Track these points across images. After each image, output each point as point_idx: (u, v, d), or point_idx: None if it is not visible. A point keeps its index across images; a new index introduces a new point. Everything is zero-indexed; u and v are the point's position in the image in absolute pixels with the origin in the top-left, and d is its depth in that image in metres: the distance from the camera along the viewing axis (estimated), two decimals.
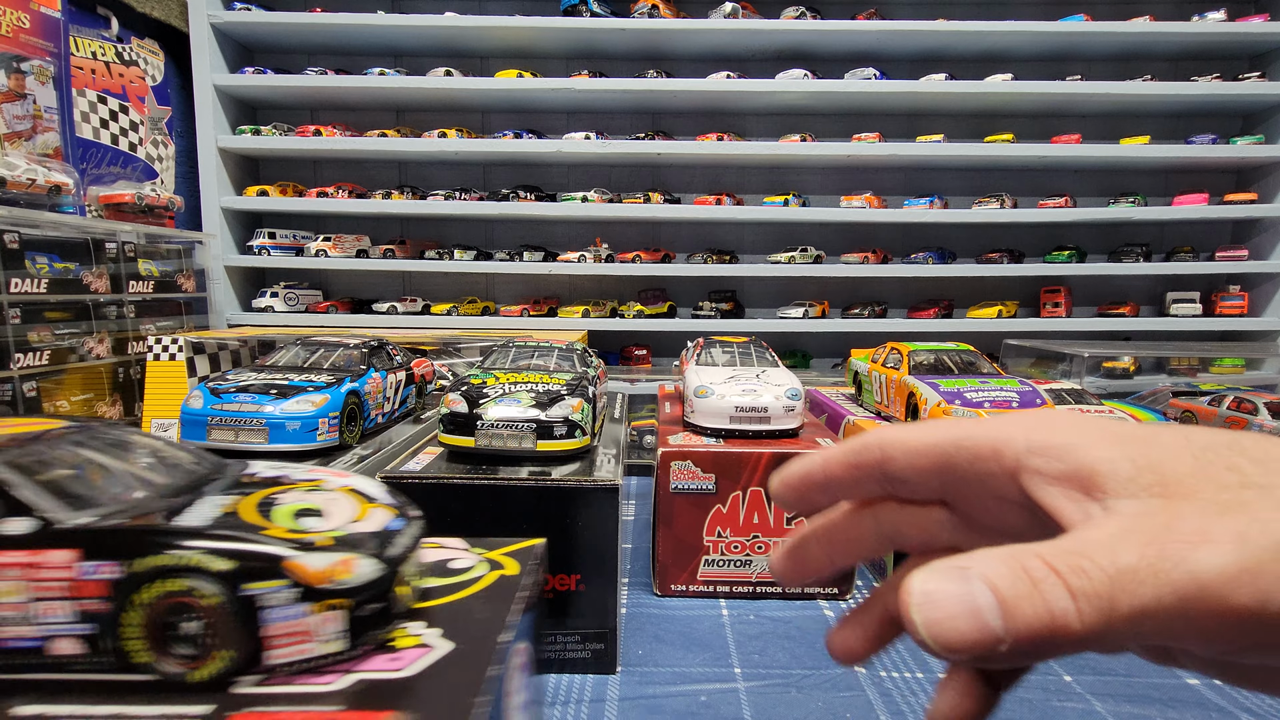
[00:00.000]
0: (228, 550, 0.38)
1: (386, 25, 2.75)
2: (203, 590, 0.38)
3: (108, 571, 0.37)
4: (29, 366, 1.58)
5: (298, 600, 0.38)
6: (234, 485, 0.48)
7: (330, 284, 3.11)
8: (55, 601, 0.37)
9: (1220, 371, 2.65)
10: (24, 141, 1.88)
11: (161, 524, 0.40)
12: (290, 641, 0.39)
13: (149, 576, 0.38)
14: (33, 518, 0.39)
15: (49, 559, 0.38)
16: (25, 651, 0.38)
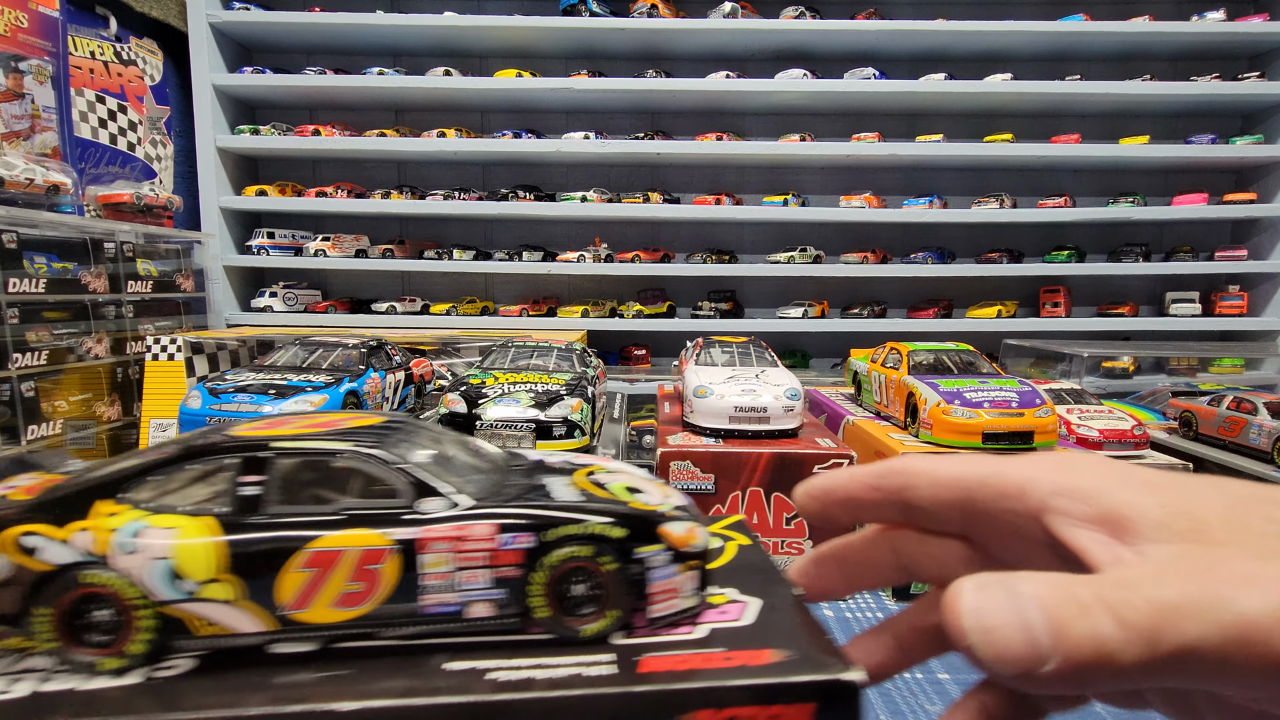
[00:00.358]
0: (620, 519, 0.44)
1: (385, 25, 2.74)
2: (602, 555, 0.43)
3: (524, 541, 0.42)
4: (27, 366, 1.58)
5: (671, 562, 0.44)
6: (550, 470, 0.52)
7: (329, 284, 3.11)
8: (477, 570, 0.42)
9: (1219, 371, 2.66)
10: (22, 141, 1.88)
11: (570, 502, 0.45)
12: (665, 598, 0.44)
13: (557, 544, 0.42)
14: (443, 498, 0.44)
15: (474, 532, 0.42)
16: (447, 616, 0.42)
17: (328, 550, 0.41)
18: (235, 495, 0.42)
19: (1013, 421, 1.12)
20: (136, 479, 0.43)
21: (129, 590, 0.40)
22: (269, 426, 0.47)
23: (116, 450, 1.81)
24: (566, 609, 0.43)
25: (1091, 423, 1.37)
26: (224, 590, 0.40)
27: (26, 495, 0.44)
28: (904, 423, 1.26)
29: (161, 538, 0.40)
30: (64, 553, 0.40)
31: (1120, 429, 1.34)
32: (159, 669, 0.39)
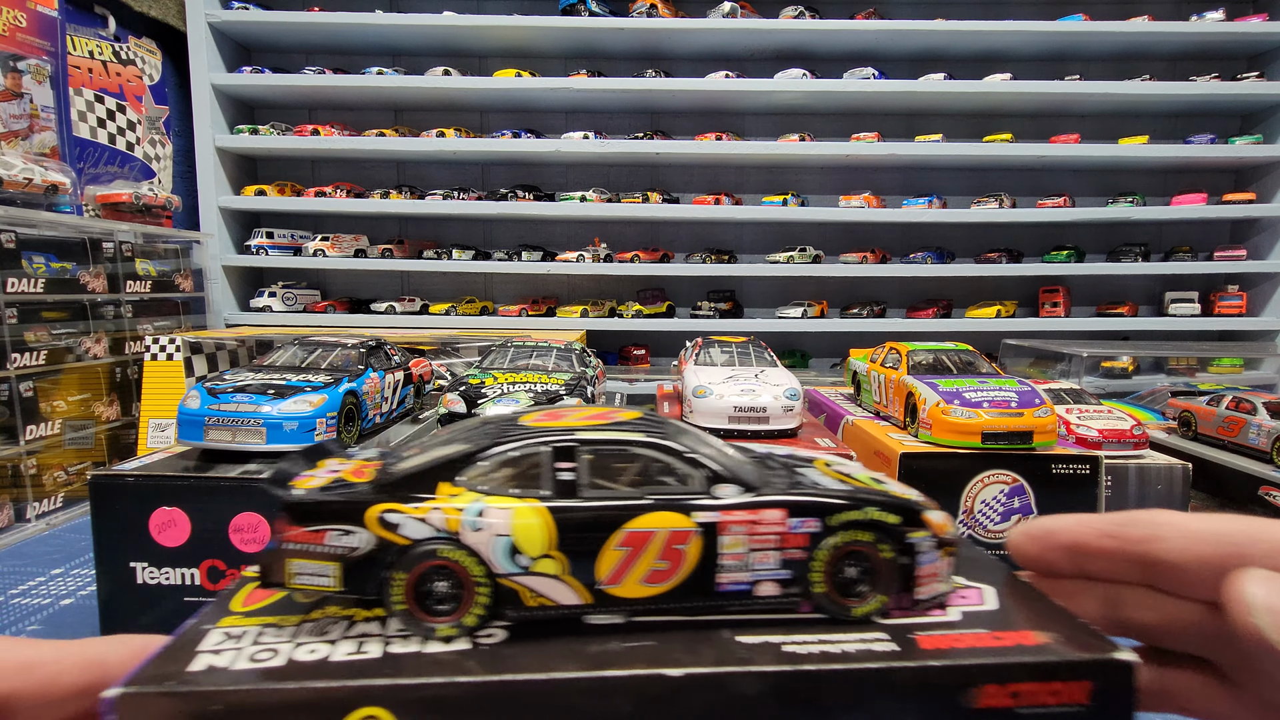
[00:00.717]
0: (893, 506, 0.47)
1: (384, 24, 2.74)
2: (879, 540, 0.46)
3: (810, 526, 0.46)
4: (26, 366, 1.58)
5: (935, 547, 0.47)
6: (793, 462, 0.56)
7: (328, 284, 3.11)
8: (767, 551, 0.46)
9: (1219, 371, 2.66)
10: (21, 140, 1.88)
11: (841, 490, 0.49)
12: (929, 581, 0.47)
13: (839, 529, 0.46)
14: (734, 485, 0.47)
15: (767, 517, 0.46)
16: (738, 594, 0.46)
17: (641, 531, 0.45)
18: (554, 480, 0.47)
19: (1012, 421, 1.12)
20: (466, 464, 0.48)
21: (472, 565, 0.44)
22: (549, 419, 0.52)
23: (116, 451, 1.81)
24: (841, 589, 0.46)
25: (1091, 423, 1.37)
26: (553, 565, 0.45)
27: (360, 478, 0.49)
28: (903, 422, 1.26)
29: (503, 517, 0.45)
30: (421, 529, 0.45)
31: (1119, 429, 1.34)
32: (478, 638, 0.44)
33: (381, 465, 0.51)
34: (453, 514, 0.45)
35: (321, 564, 0.45)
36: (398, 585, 0.44)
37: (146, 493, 0.94)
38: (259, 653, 0.41)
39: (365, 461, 0.53)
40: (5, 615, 1.12)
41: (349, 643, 0.42)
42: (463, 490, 0.47)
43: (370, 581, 0.45)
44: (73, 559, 1.36)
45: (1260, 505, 1.31)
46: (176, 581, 0.95)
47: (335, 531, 0.45)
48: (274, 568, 0.46)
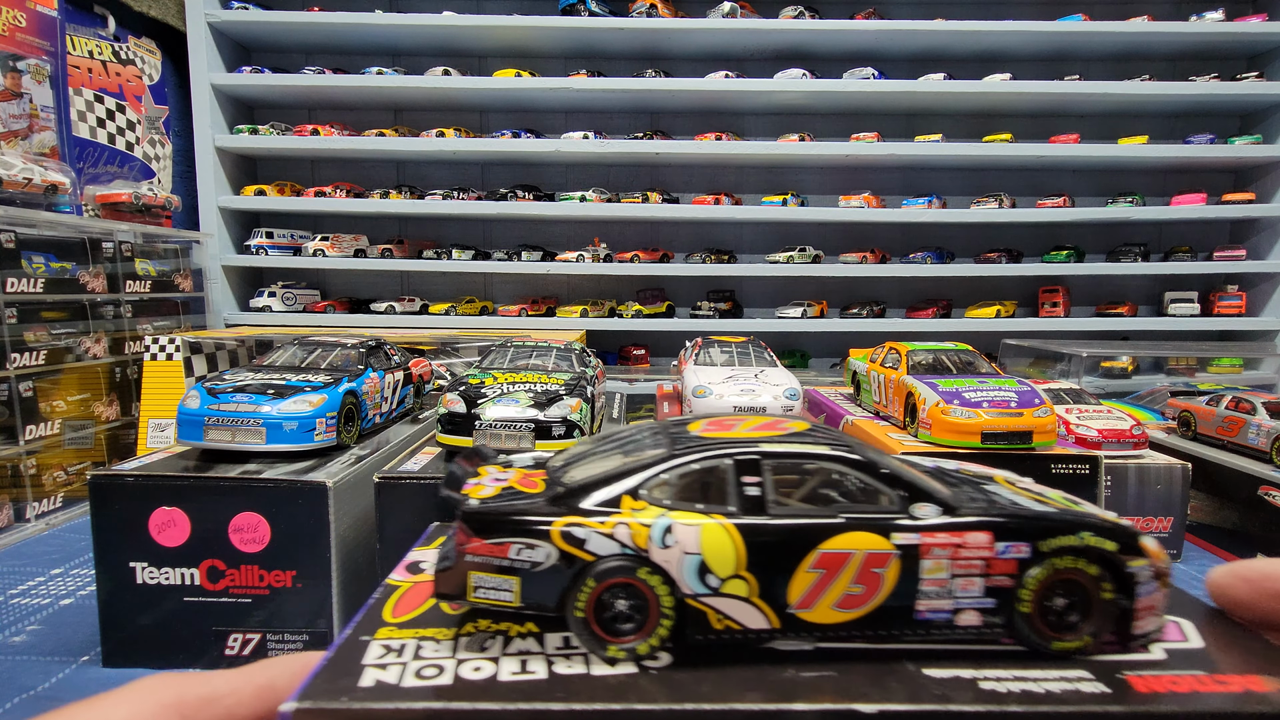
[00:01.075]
0: (1109, 532, 0.43)
1: (384, 24, 2.74)
2: (1093, 568, 0.42)
3: (1020, 551, 0.43)
4: (25, 366, 1.58)
5: (1153, 577, 0.43)
6: (972, 477, 0.53)
7: (328, 284, 3.10)
8: (972, 578, 0.43)
9: (1218, 371, 2.66)
10: (20, 140, 1.88)
11: (1047, 512, 0.45)
12: (1147, 615, 0.43)
13: (1051, 555, 0.43)
14: (935, 504, 0.44)
15: (972, 540, 0.43)
16: (938, 623, 0.43)
17: (837, 552, 0.42)
18: (740, 495, 0.44)
19: (1011, 421, 1.12)
20: (649, 476, 0.45)
21: (659, 584, 0.42)
22: (719, 429, 0.49)
23: (116, 451, 1.81)
24: (1049, 621, 0.42)
25: (1090, 422, 1.37)
26: (743, 587, 0.42)
27: (530, 488, 0.47)
28: (903, 422, 1.26)
29: (692, 534, 0.43)
30: (607, 544, 0.43)
31: (1119, 429, 1.34)
32: (644, 660, 0.41)
33: (549, 475, 0.49)
34: (640, 530, 0.43)
35: (503, 578, 0.43)
36: (582, 598, 0.42)
37: (146, 493, 0.94)
38: (424, 668, 0.40)
39: (527, 470, 0.52)
40: (5, 615, 1.12)
41: (511, 660, 0.41)
42: (645, 504, 0.44)
43: (547, 598, 0.43)
44: (72, 559, 1.36)
45: (1259, 505, 1.31)
46: (176, 581, 0.95)
47: (519, 545, 0.43)
48: (454, 580, 0.44)
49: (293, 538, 0.94)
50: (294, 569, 0.94)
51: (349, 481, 0.98)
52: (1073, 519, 0.44)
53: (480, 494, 0.47)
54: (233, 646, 0.96)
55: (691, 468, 0.45)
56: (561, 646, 0.42)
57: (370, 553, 1.00)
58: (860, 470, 0.46)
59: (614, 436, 0.52)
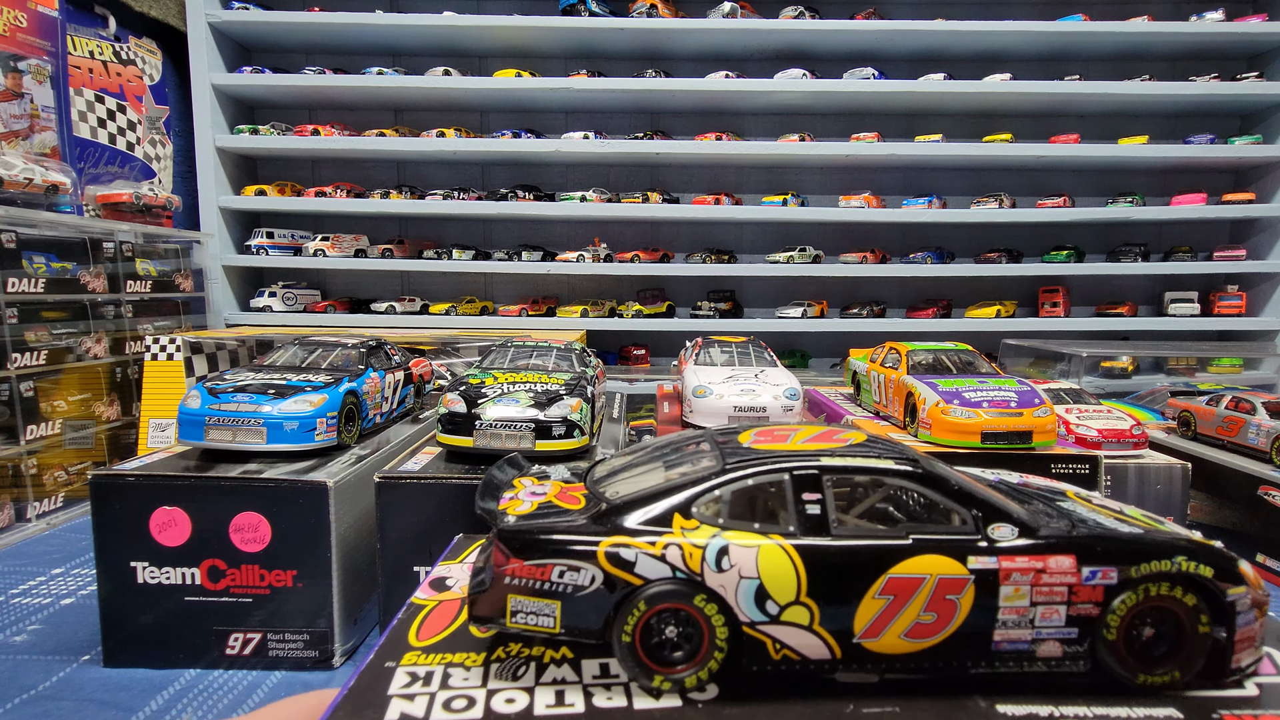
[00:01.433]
0: (1206, 555, 0.39)
1: (385, 25, 2.74)
2: (1189, 596, 0.39)
3: (1108, 578, 0.39)
4: (26, 366, 1.58)
5: (1251, 606, 0.39)
6: (1045, 494, 0.49)
7: (328, 284, 3.11)
8: (1055, 605, 0.39)
9: (1218, 371, 2.66)
10: (21, 140, 1.88)
11: (1135, 534, 0.40)
12: (1246, 648, 0.39)
13: (1139, 582, 0.39)
14: (1014, 524, 0.40)
15: (1055, 565, 0.39)
16: (1018, 655, 0.39)
17: (908, 577, 0.39)
18: (799, 514, 0.41)
19: (1011, 421, 1.12)
20: (701, 492, 0.42)
21: (714, 612, 0.39)
22: (773, 441, 0.45)
23: (116, 451, 1.81)
24: (1135, 652, 0.39)
25: (1090, 422, 1.37)
26: (803, 614, 0.39)
27: (570, 504, 0.44)
28: (903, 422, 1.26)
29: (749, 556, 0.39)
30: (658, 567, 0.40)
31: (1119, 429, 1.35)
32: (690, 692, 0.39)
33: (589, 490, 0.46)
34: (693, 551, 0.39)
35: (544, 602, 0.39)
36: (629, 624, 0.39)
37: (147, 492, 0.94)
38: (453, 699, 0.37)
39: (565, 484, 0.48)
40: (6, 614, 1.12)
41: (546, 691, 0.38)
42: (698, 523, 0.41)
43: (591, 623, 0.39)
44: (73, 558, 1.36)
45: (1259, 505, 1.31)
46: (177, 581, 0.95)
47: (562, 567, 0.39)
48: (491, 603, 0.41)
49: (293, 537, 0.94)
50: (295, 569, 0.95)
51: (350, 481, 0.98)
52: (1165, 540, 0.40)
53: (518, 509, 0.44)
54: (233, 646, 0.96)
55: (746, 483, 0.42)
56: (599, 675, 0.40)
57: (370, 552, 1.01)
58: (931, 487, 0.42)
59: (656, 446, 0.49)
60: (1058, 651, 0.39)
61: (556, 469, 0.53)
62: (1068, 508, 0.45)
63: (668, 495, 0.42)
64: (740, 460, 0.43)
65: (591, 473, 0.49)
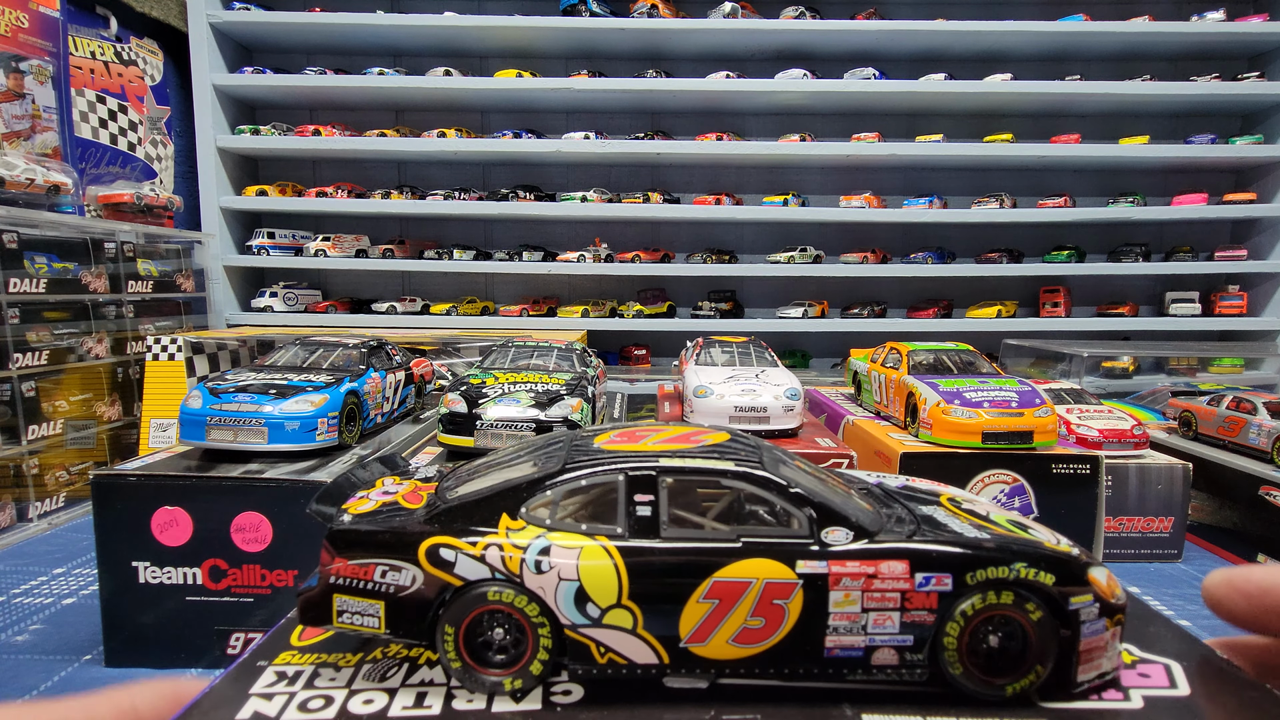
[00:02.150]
0: (1048, 562, 0.38)
1: (386, 25, 2.74)
2: (1029, 603, 0.38)
3: (941, 584, 0.38)
4: (27, 366, 1.58)
5: (1099, 615, 0.38)
6: (913, 497, 0.48)
7: (329, 284, 3.11)
8: (887, 612, 0.38)
9: (1219, 371, 2.66)
10: (23, 141, 1.88)
11: (980, 539, 0.39)
12: (1091, 658, 0.38)
13: (977, 588, 0.38)
14: (847, 529, 0.40)
15: (887, 570, 0.38)
16: (851, 662, 0.38)
17: (732, 581, 0.38)
18: (630, 515, 0.40)
19: (1012, 421, 1.12)
20: (531, 492, 0.41)
21: (534, 612, 0.39)
22: (631, 440, 0.45)
23: (118, 451, 1.81)
24: (980, 663, 0.38)
25: (1091, 422, 1.37)
26: (625, 618, 0.38)
27: (415, 504, 0.43)
28: (904, 422, 1.26)
29: (570, 558, 0.39)
30: (477, 568, 0.39)
31: (1120, 429, 1.35)
32: (553, 694, 0.38)
33: (437, 489, 0.46)
34: (513, 552, 0.39)
35: (368, 601, 0.39)
36: (448, 635, 0.38)
37: (148, 492, 0.94)
38: (311, 699, 0.37)
39: (423, 482, 0.48)
40: (8, 614, 1.12)
41: (408, 693, 0.38)
42: (524, 524, 0.40)
43: (418, 624, 0.39)
44: (74, 558, 1.36)
45: (1260, 505, 1.31)
46: (179, 581, 0.95)
47: (384, 566, 0.39)
48: (320, 603, 0.41)
49: (295, 537, 0.94)
50: (296, 568, 0.95)
51: None
52: (1007, 547, 0.39)
53: (360, 508, 0.43)
54: (234, 646, 0.96)
55: (580, 483, 0.41)
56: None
57: None
58: (763, 488, 0.40)
59: (523, 448, 0.48)
60: (893, 659, 0.38)
61: (425, 469, 0.52)
62: (928, 512, 0.44)
63: (499, 496, 0.41)
64: (580, 461, 0.42)
65: (454, 473, 0.48)
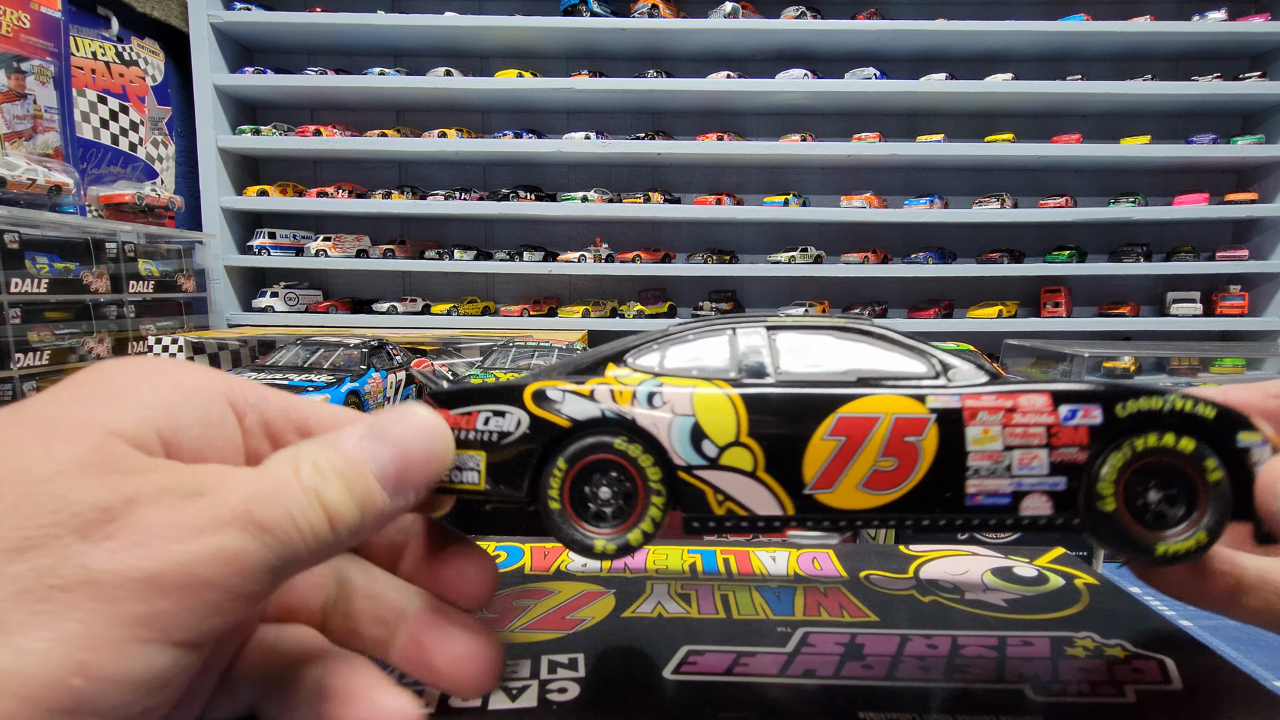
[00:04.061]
0: (1203, 396, 0.33)
1: (386, 25, 2.75)
2: (1184, 442, 0.33)
3: (1090, 416, 0.34)
4: (29, 366, 1.58)
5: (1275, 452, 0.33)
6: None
7: (330, 284, 3.11)
8: (1034, 449, 0.34)
9: (1221, 372, 2.64)
10: (24, 141, 1.88)
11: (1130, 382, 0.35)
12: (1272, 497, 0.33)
13: (1132, 425, 0.34)
14: (979, 369, 0.36)
15: (1026, 403, 0.34)
16: (997, 510, 0.34)
17: (859, 416, 0.34)
18: (741, 365, 0.37)
19: None
20: (641, 349, 0.40)
21: (646, 460, 0.35)
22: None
23: None
24: (1141, 515, 0.34)
25: None
26: (745, 457, 0.35)
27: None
28: None
29: (684, 392, 0.36)
30: (585, 406, 0.36)
31: None
32: (549, 692, 0.36)
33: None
34: (623, 391, 0.36)
35: (470, 454, 0.36)
36: (558, 472, 0.36)
37: None
38: None
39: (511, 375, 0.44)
40: None
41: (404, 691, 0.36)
42: (632, 370, 0.38)
43: (519, 476, 0.36)
44: None
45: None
46: None
47: (487, 413, 0.36)
48: None
49: None
50: None
51: None
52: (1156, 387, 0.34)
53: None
54: None
55: (687, 338, 0.40)
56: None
57: None
58: (883, 343, 0.37)
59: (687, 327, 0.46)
60: (1048, 507, 0.34)
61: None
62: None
63: (602, 358, 0.39)
64: (681, 328, 0.41)
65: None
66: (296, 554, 0.27)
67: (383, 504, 0.29)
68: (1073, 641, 0.41)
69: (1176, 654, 0.39)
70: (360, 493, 0.28)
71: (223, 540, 0.25)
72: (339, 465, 0.29)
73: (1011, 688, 0.36)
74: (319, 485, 0.27)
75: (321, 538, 0.27)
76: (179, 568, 0.24)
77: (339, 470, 0.28)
